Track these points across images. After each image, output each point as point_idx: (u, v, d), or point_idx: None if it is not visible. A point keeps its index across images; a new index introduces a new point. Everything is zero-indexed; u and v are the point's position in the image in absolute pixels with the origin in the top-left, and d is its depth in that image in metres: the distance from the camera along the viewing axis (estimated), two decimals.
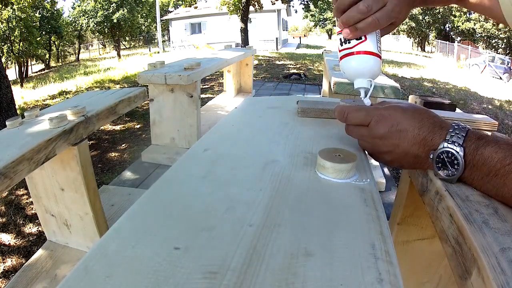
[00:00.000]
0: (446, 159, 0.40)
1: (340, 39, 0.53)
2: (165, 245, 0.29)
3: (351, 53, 0.51)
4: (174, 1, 19.57)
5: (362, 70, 0.51)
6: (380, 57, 0.51)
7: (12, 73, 15.31)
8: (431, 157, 0.41)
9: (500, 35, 21.57)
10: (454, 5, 0.69)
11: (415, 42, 28.98)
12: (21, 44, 16.05)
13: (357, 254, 0.28)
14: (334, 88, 1.66)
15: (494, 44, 22.68)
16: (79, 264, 0.27)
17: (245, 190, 0.38)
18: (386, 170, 2.21)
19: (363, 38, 0.50)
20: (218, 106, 3.45)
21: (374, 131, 0.44)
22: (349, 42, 0.52)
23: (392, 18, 0.50)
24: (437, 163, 0.41)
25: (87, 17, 22.48)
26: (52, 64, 22.71)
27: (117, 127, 3.32)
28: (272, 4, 13.00)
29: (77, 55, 25.34)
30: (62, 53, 24.90)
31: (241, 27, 12.38)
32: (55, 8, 20.61)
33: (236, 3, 12.10)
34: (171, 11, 26.00)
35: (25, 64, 17.39)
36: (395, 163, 0.46)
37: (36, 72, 19.80)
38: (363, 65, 0.51)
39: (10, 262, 1.48)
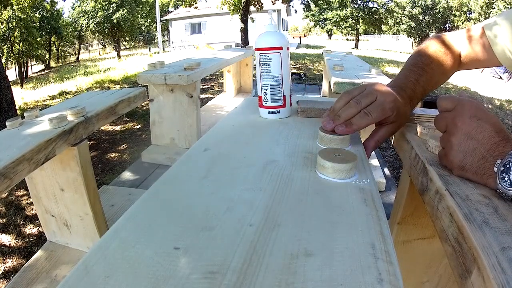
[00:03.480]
0: None
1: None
2: (165, 245, 0.29)
3: None
4: (174, 1, 19.57)
5: None
6: None
7: (12, 73, 15.30)
8: (498, 162, 0.39)
9: None
10: (454, 5, 0.73)
11: (415, 42, 28.97)
12: (21, 44, 16.04)
13: (357, 254, 0.28)
14: (334, 88, 1.66)
15: None
16: (79, 264, 0.27)
17: (245, 190, 0.38)
18: (386, 170, 2.21)
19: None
20: (218, 106, 3.45)
21: (457, 112, 0.44)
22: None
23: (388, 110, 0.53)
24: (502, 172, 0.38)
25: (87, 17, 22.47)
26: (52, 64, 22.71)
27: (117, 127, 3.32)
28: (273, 4, 13.00)
29: (77, 56, 25.33)
30: (62, 53, 24.89)
31: (241, 27, 12.37)
32: (55, 9, 20.59)
33: (236, 3, 12.10)
34: (171, 11, 26.00)
35: (25, 64, 17.38)
36: (460, 154, 0.43)
37: (36, 72, 19.80)
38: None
39: (10, 262, 1.48)
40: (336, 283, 0.25)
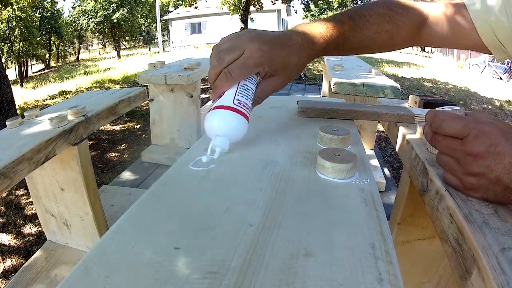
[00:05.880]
0: None
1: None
2: (165, 245, 0.29)
3: (209, 110, 0.47)
4: (174, 1, 19.61)
5: (215, 127, 0.46)
6: (238, 111, 0.46)
7: (12, 73, 15.29)
8: None
9: None
10: None
11: None
12: (21, 44, 16.05)
13: (357, 254, 0.28)
14: (334, 88, 1.66)
15: None
16: (79, 264, 0.27)
17: (245, 190, 0.38)
18: (386, 170, 2.21)
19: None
20: None
21: (469, 147, 0.37)
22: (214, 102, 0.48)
23: (253, 67, 0.46)
24: None
25: (87, 17, 22.49)
26: (52, 64, 22.71)
27: (117, 127, 3.32)
28: (273, 4, 13.01)
29: (77, 55, 25.33)
30: (62, 53, 24.89)
31: (241, 27, 12.37)
32: (55, 8, 20.62)
33: (236, 3, 12.10)
34: (171, 11, 25.99)
35: (25, 64, 17.38)
36: (481, 190, 0.38)
37: (36, 72, 19.79)
38: (215, 121, 0.46)
39: (10, 262, 1.48)
40: (336, 283, 0.25)
